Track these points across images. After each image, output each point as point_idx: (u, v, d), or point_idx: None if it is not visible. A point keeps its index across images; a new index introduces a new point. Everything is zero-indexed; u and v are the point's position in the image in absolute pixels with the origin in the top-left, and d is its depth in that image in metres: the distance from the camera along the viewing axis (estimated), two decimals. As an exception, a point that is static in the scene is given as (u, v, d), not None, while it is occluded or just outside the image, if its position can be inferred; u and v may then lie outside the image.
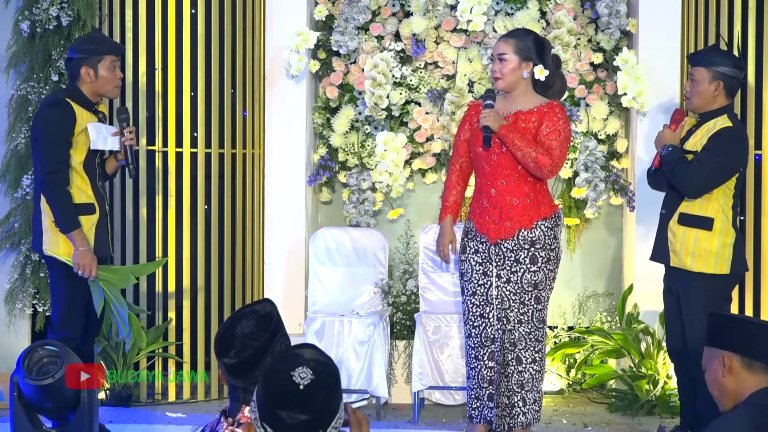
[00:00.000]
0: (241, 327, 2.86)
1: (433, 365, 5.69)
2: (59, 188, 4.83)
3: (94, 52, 4.95)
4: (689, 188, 4.83)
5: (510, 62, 4.90)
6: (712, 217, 4.84)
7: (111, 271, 4.97)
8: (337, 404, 2.43)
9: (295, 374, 2.38)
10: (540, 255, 4.94)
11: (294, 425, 2.37)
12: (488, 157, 4.94)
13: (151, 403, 5.91)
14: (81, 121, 4.90)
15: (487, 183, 4.97)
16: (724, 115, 4.89)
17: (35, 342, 4.85)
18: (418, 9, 6.17)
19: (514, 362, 4.96)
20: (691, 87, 4.95)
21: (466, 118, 5.10)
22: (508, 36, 4.99)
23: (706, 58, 4.92)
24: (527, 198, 4.94)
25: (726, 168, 4.83)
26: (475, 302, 5.00)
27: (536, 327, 4.97)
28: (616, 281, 6.30)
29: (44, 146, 4.86)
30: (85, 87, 4.97)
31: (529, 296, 4.94)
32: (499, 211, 4.94)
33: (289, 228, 6.09)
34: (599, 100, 6.15)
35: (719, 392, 2.99)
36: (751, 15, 5.93)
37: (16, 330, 6.11)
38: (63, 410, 4.57)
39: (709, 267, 4.84)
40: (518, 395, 4.97)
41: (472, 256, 5.02)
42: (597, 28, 6.16)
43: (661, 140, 4.99)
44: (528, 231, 4.93)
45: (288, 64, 5.97)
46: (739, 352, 2.93)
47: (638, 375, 5.77)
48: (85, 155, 4.92)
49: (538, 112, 4.92)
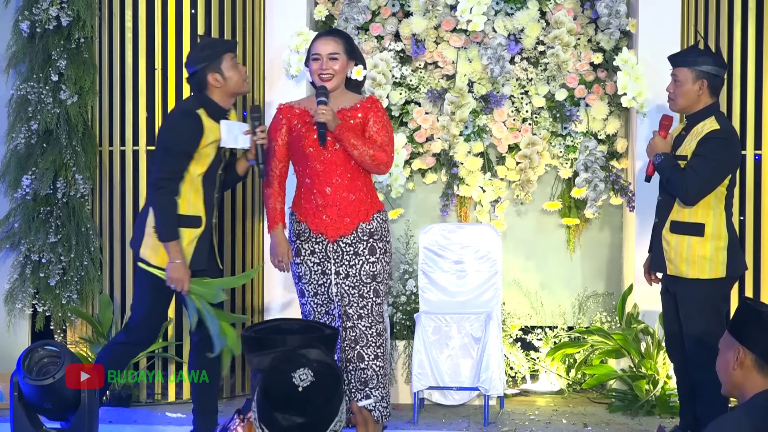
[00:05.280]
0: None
1: (433, 365, 5.69)
2: (167, 196, 4.76)
3: (212, 56, 4.85)
4: (686, 197, 4.82)
5: (340, 61, 4.97)
6: (703, 222, 4.83)
7: (202, 284, 4.84)
8: (336, 407, 2.42)
9: (295, 376, 2.37)
10: (378, 246, 5.01)
11: (289, 427, 2.36)
12: (320, 156, 4.95)
13: (151, 403, 5.91)
14: (209, 134, 4.80)
15: (320, 182, 4.97)
16: (711, 117, 4.86)
17: (35, 342, 4.85)
18: (418, 9, 6.17)
19: (356, 360, 5.00)
20: (675, 88, 4.94)
21: (280, 122, 5.06)
22: (334, 35, 5.05)
23: (687, 59, 4.91)
24: (361, 192, 5.00)
25: (719, 172, 4.81)
26: (318, 302, 5.03)
27: (376, 321, 5.02)
28: (616, 281, 6.30)
29: (165, 153, 4.80)
30: (216, 94, 4.86)
31: (367, 289, 4.99)
32: (337, 208, 4.97)
33: (289, 228, 6.08)
34: (599, 100, 6.15)
35: (725, 379, 2.99)
36: (751, 15, 5.93)
37: (15, 330, 6.11)
38: (63, 410, 4.57)
39: (704, 272, 4.84)
40: (361, 393, 5.01)
41: (308, 258, 5.02)
42: (597, 28, 6.16)
43: (653, 148, 4.97)
44: (366, 224, 4.99)
45: (288, 65, 5.98)
46: (755, 352, 2.93)
47: (638, 375, 5.77)
48: (207, 167, 4.83)
49: (362, 108, 5.00)
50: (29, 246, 5.95)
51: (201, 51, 4.90)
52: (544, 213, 6.36)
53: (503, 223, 6.21)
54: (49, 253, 5.93)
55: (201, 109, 4.82)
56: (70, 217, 5.97)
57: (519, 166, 6.19)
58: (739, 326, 2.99)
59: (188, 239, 4.82)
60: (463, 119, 6.09)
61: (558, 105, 6.14)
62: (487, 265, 5.85)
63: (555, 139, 6.21)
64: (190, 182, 4.81)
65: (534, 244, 6.44)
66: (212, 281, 4.88)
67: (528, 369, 6.24)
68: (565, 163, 6.21)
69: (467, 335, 5.73)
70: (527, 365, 6.23)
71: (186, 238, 4.82)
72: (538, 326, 6.37)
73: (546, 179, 6.34)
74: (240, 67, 4.93)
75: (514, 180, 6.24)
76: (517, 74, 6.17)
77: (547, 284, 6.43)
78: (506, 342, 6.16)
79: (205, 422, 4.98)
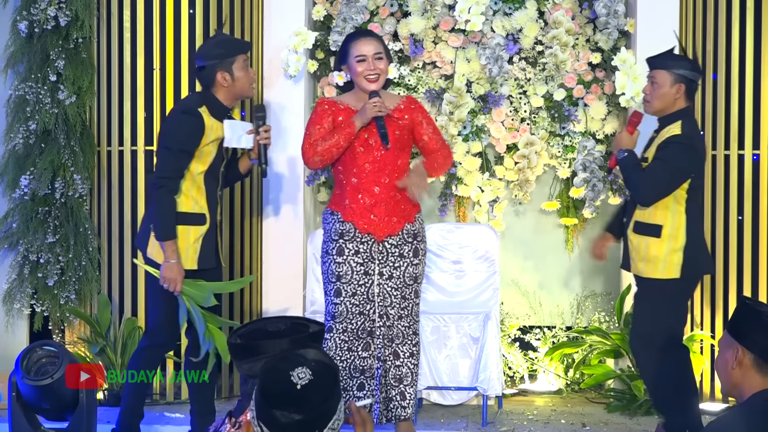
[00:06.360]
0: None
1: (431, 365, 5.69)
2: (166, 195, 4.73)
3: (225, 54, 4.80)
4: (639, 197, 4.88)
5: (385, 60, 4.97)
6: (661, 223, 4.87)
7: (195, 286, 4.80)
8: (335, 406, 2.43)
9: (293, 374, 2.39)
10: (420, 248, 5.03)
11: (287, 425, 2.38)
12: (369, 156, 4.95)
13: (150, 403, 5.90)
14: (210, 132, 4.78)
15: (368, 181, 4.97)
16: (678, 122, 4.88)
17: (34, 342, 4.85)
18: (416, 9, 6.17)
19: (392, 357, 5.00)
20: (652, 90, 4.94)
21: (326, 111, 4.97)
22: (373, 35, 5.07)
23: (667, 62, 4.93)
24: (405, 192, 5.00)
25: (674, 176, 4.83)
26: (355, 302, 4.98)
27: (414, 321, 5.04)
28: (614, 281, 6.30)
29: (166, 151, 4.77)
30: (221, 93, 4.83)
31: (410, 290, 5.00)
32: (385, 207, 4.97)
33: (288, 228, 6.08)
34: (597, 100, 6.15)
35: (724, 379, 2.99)
36: (749, 15, 5.93)
37: (14, 330, 6.11)
38: (61, 410, 4.57)
39: (657, 272, 4.87)
40: (396, 389, 5.01)
41: (351, 258, 4.99)
42: (595, 28, 6.16)
43: (618, 143, 5.00)
44: (411, 225, 5.01)
45: (286, 64, 5.97)
46: (754, 351, 2.93)
47: (636, 375, 5.77)
48: (209, 165, 4.81)
49: (407, 109, 5.01)
50: (27, 246, 5.95)
51: (215, 47, 4.85)
52: (543, 213, 6.36)
53: (501, 223, 6.21)
54: (47, 253, 5.92)
55: (203, 106, 4.80)
56: (68, 217, 5.97)
57: (517, 166, 6.19)
58: (738, 326, 2.99)
59: (194, 237, 4.81)
60: (462, 119, 6.09)
61: (556, 105, 6.14)
62: (486, 265, 5.85)
63: (553, 139, 6.21)
64: (192, 180, 4.79)
65: (532, 244, 6.44)
66: (205, 284, 4.84)
67: (526, 369, 6.24)
68: (563, 163, 6.21)
69: (465, 335, 5.73)
70: (525, 365, 6.24)
71: (192, 236, 4.80)
72: (537, 326, 6.37)
73: (544, 179, 6.34)
74: (250, 70, 4.91)
75: (512, 180, 6.24)
76: (515, 74, 6.17)
77: (545, 284, 6.44)
78: (504, 342, 6.16)
79: (204, 423, 4.98)
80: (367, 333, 4.99)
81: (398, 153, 4.97)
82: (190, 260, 4.81)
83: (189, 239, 4.80)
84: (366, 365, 5.00)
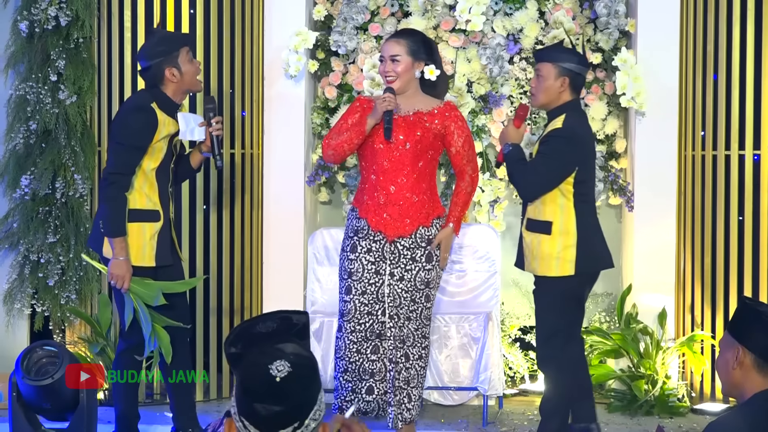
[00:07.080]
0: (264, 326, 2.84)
1: (432, 365, 5.69)
2: (117, 191, 4.71)
3: (169, 50, 4.80)
4: (521, 192, 4.92)
5: (403, 62, 4.95)
6: (550, 220, 4.84)
7: (143, 285, 4.78)
8: (314, 395, 2.46)
9: (272, 367, 2.42)
10: (435, 253, 5.00)
11: (268, 417, 2.41)
12: (389, 154, 4.95)
13: (151, 403, 5.91)
14: (162, 128, 4.77)
15: (385, 179, 4.97)
16: (561, 116, 4.86)
17: (34, 342, 4.86)
18: (417, 9, 6.17)
19: (403, 359, 5.00)
20: (537, 83, 4.93)
21: (356, 108, 5.03)
22: (399, 36, 5.05)
23: (553, 54, 4.91)
24: (425, 195, 4.99)
25: (557, 170, 4.81)
26: (363, 301, 4.99)
27: (424, 324, 5.03)
28: (615, 281, 6.30)
29: (119, 147, 4.75)
30: (170, 89, 4.82)
31: (420, 294, 4.99)
32: (398, 207, 4.97)
33: (288, 228, 6.08)
34: (598, 100, 6.15)
35: (724, 379, 2.99)
36: (750, 15, 5.93)
37: (14, 330, 6.11)
38: (62, 411, 4.58)
39: (551, 270, 4.85)
40: (404, 392, 5.02)
41: (363, 255, 5.00)
42: (596, 28, 6.16)
43: (504, 137, 4.99)
44: (426, 229, 4.99)
45: (287, 64, 5.98)
46: (755, 351, 2.93)
47: (637, 375, 5.78)
48: (160, 162, 4.80)
49: (440, 115, 4.98)
50: (28, 246, 5.95)
51: (157, 45, 4.84)
52: (543, 213, 6.35)
53: (502, 223, 6.21)
54: (47, 253, 5.93)
55: (154, 103, 4.79)
56: (68, 217, 5.97)
57: (518, 166, 6.19)
58: (738, 326, 2.98)
59: (150, 234, 4.80)
60: (462, 119, 6.09)
61: (557, 105, 6.14)
62: (486, 265, 5.85)
63: (554, 139, 6.21)
64: (145, 177, 4.78)
65: (533, 244, 6.43)
66: (153, 283, 4.81)
67: (527, 369, 6.24)
68: (563, 163, 6.20)
69: (466, 335, 5.73)
70: (526, 365, 6.23)
71: (148, 232, 4.79)
72: (537, 326, 6.36)
73: (545, 179, 6.33)
74: (195, 61, 4.91)
75: (512, 180, 6.23)
76: (516, 74, 6.17)
77: (545, 284, 6.43)
78: (505, 342, 6.16)
79: (186, 419, 5.01)
80: (376, 335, 4.99)
81: (418, 155, 4.96)
82: (147, 257, 4.80)
83: (145, 236, 4.79)
84: (375, 368, 5.00)
